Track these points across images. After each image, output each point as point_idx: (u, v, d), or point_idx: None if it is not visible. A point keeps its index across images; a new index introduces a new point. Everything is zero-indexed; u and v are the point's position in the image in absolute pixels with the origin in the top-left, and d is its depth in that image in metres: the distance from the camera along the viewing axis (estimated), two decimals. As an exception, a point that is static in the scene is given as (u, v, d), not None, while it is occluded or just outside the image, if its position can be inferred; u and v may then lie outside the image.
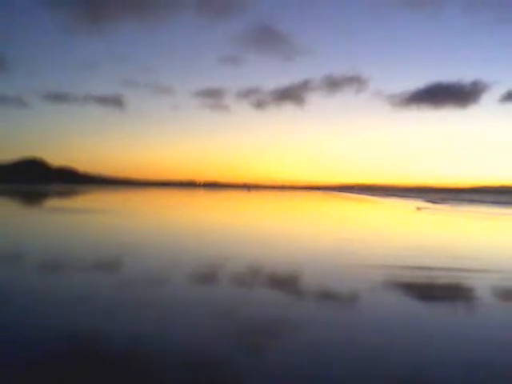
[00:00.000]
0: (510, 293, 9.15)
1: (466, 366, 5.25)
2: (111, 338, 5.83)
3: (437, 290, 9.15)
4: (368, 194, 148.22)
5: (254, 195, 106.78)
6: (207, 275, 9.96)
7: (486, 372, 5.07)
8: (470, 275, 10.64)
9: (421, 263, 12.16)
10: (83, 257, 12.04)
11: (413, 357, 5.49)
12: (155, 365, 5.00)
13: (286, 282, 9.58)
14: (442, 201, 79.66)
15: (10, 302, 7.49)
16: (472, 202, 79.15)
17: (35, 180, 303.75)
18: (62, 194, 74.13)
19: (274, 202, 67.70)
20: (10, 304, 7.34)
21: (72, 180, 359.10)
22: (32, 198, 58.27)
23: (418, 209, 48.27)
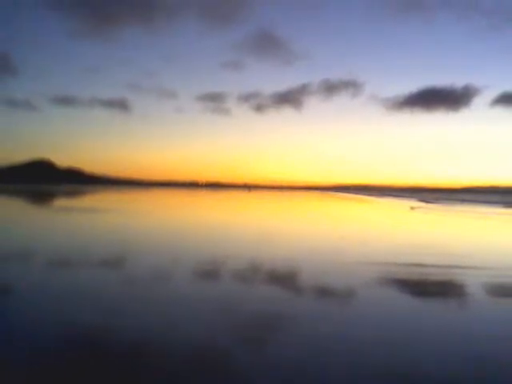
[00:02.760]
0: (499, 289, 9.27)
1: (457, 358, 5.36)
2: (121, 327, 6.02)
3: (428, 286, 9.29)
4: (364, 194, 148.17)
5: (254, 195, 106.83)
6: (212, 271, 10.13)
7: (477, 364, 5.18)
8: (461, 272, 10.80)
9: (414, 260, 12.29)
10: (103, 253, 12.24)
11: (407, 348, 5.63)
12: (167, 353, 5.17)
13: (287, 278, 9.73)
14: (435, 200, 79.77)
15: (29, 294, 7.67)
16: (464, 201, 79.25)
17: (43, 180, 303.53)
18: (71, 194, 74.19)
19: (274, 201, 67.78)
20: (29, 297, 7.52)
21: (79, 180, 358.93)
22: (44, 198, 58.39)
23: (412, 208, 48.39)
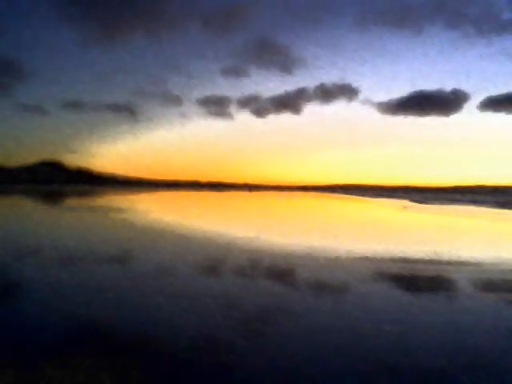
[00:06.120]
0: (481, 282, 9.81)
1: (445, 348, 5.99)
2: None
3: (416, 279, 9.91)
4: (359, 194, 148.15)
5: (255, 195, 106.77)
6: (210, 265, 10.88)
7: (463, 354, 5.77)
8: (446, 268, 11.44)
9: (402, 256, 12.93)
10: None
11: (397, 340, 6.29)
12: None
13: (292, 273, 10.43)
14: (427, 200, 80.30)
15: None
16: (453, 201, 79.75)
17: (53, 181, 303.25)
18: (82, 194, 74.56)
19: (274, 202, 68.12)
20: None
21: (88, 181, 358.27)
22: (57, 197, 58.88)
23: (404, 207, 48.97)
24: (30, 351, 5.07)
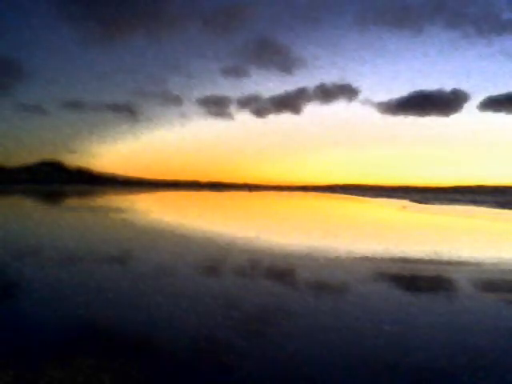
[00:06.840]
0: (481, 282, 9.86)
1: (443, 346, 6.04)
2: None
3: (416, 279, 9.96)
4: (359, 194, 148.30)
5: (255, 195, 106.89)
6: (209, 264, 10.90)
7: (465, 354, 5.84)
8: (450, 268, 11.50)
9: (405, 256, 12.97)
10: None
11: (395, 338, 6.32)
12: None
13: (286, 272, 10.47)
14: (427, 200, 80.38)
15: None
16: (453, 201, 79.83)
17: (54, 181, 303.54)
18: (82, 194, 74.67)
19: (274, 202, 68.21)
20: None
21: (88, 181, 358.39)
22: (57, 197, 58.91)
23: (404, 207, 49.07)
24: (29, 351, 5.08)
